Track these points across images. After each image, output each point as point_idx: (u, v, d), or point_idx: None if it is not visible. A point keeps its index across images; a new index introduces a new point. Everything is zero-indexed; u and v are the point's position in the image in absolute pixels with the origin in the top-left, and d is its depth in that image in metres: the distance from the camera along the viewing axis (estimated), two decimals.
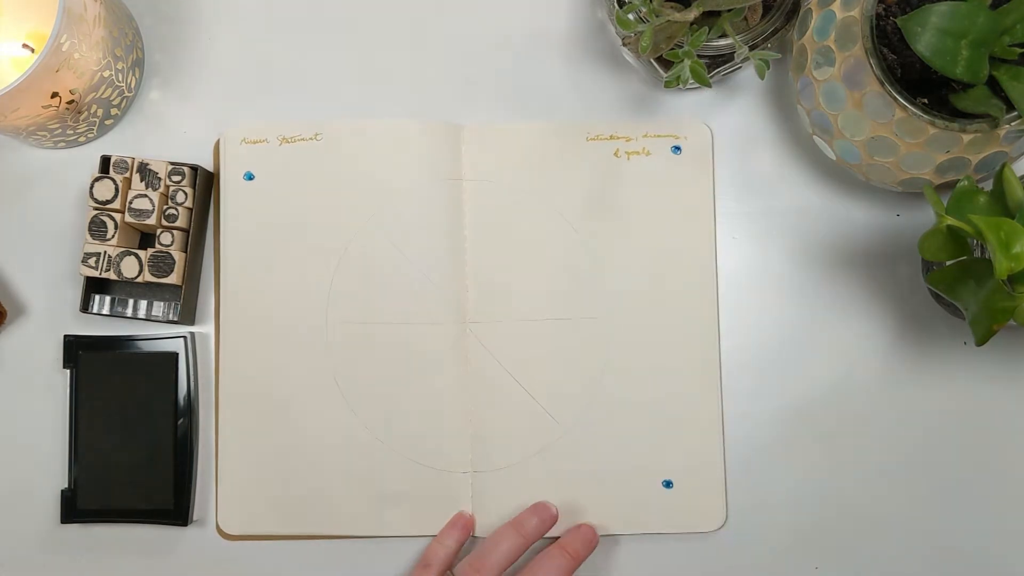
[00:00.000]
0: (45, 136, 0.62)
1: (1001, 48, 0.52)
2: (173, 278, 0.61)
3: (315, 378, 0.63)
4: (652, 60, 0.61)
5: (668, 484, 0.62)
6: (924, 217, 0.64)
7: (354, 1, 0.66)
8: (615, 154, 0.64)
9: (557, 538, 0.61)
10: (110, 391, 0.63)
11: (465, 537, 0.62)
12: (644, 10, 0.56)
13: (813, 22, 0.57)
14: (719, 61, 0.61)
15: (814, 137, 0.60)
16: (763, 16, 0.59)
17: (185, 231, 0.62)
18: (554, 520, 0.61)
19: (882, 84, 0.53)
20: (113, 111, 0.64)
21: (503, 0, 0.66)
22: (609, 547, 0.63)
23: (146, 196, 0.62)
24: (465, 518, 0.62)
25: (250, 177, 0.64)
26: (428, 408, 0.63)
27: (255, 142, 0.64)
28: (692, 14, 0.56)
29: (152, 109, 0.66)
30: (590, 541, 0.61)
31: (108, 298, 0.63)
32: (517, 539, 0.60)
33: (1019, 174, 0.53)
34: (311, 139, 0.64)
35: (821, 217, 0.64)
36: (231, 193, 0.64)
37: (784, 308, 0.64)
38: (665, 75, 0.58)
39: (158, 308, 0.63)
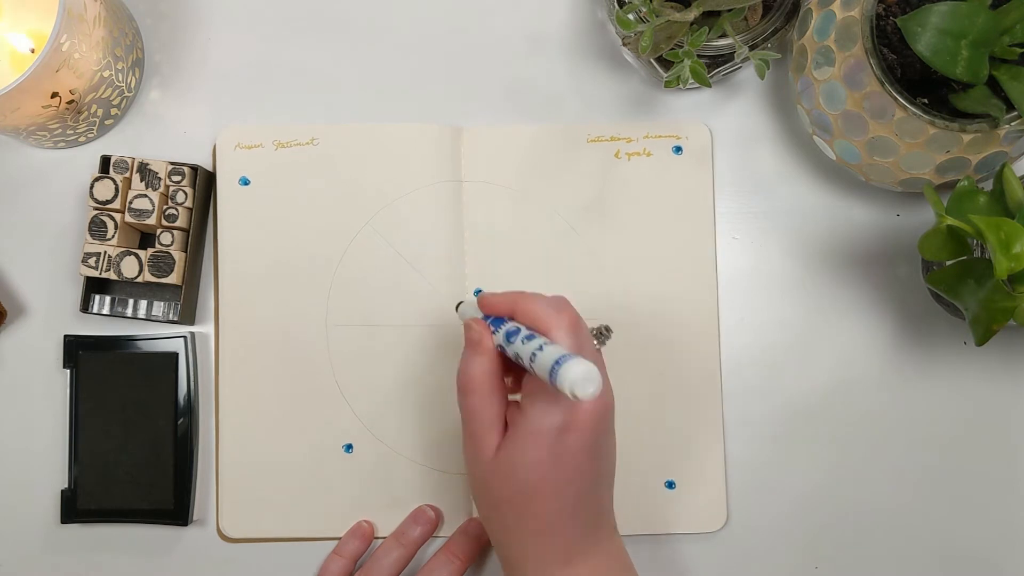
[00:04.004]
0: (45, 136, 0.62)
1: (1001, 48, 0.52)
2: (173, 278, 0.61)
3: (315, 380, 0.63)
4: (652, 60, 0.61)
5: (671, 485, 0.62)
6: (924, 217, 0.64)
7: (352, 3, 0.66)
8: (615, 155, 0.64)
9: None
10: (110, 391, 0.62)
11: (364, 548, 0.62)
12: (644, 10, 0.56)
13: (813, 22, 0.57)
14: (719, 61, 0.61)
15: (814, 137, 0.60)
16: (763, 16, 0.59)
17: (185, 231, 0.62)
18: (435, 523, 0.62)
19: (882, 84, 0.53)
20: (113, 111, 0.64)
21: (503, 1, 0.66)
22: None
23: (146, 196, 0.62)
24: (364, 528, 0.62)
25: (245, 182, 0.64)
26: (428, 409, 0.63)
27: (250, 147, 0.64)
28: (692, 14, 0.56)
29: (152, 109, 0.66)
30: (479, 537, 0.61)
31: (108, 298, 0.63)
32: (400, 550, 0.60)
33: (1019, 174, 0.53)
34: (307, 144, 0.64)
35: (821, 217, 0.64)
36: (227, 198, 0.64)
37: (784, 308, 0.64)
38: (665, 75, 0.58)
39: (158, 308, 0.63)
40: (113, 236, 0.61)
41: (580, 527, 0.52)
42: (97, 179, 0.62)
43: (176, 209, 0.62)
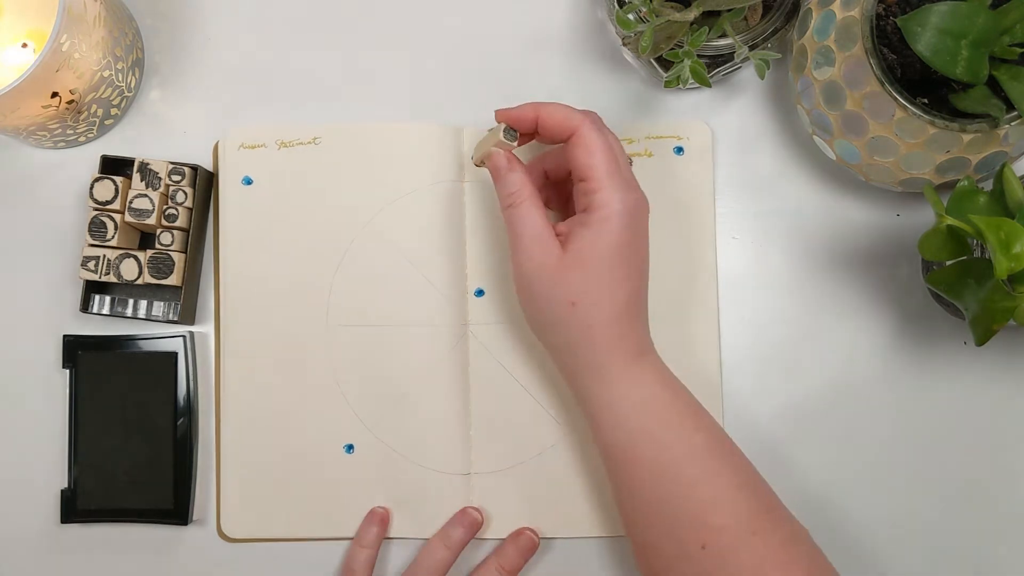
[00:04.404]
0: (45, 136, 0.62)
1: (1001, 48, 0.52)
2: (173, 279, 0.61)
3: (316, 380, 0.63)
4: (652, 60, 0.61)
5: None
6: (924, 217, 0.64)
7: (353, 3, 0.66)
8: None
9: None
10: (110, 391, 0.62)
11: (383, 532, 0.61)
12: (644, 10, 0.56)
13: (813, 22, 0.57)
14: (719, 61, 0.61)
15: (814, 137, 0.60)
16: (763, 16, 0.59)
17: (185, 231, 0.62)
18: (479, 525, 0.61)
19: (882, 84, 0.53)
20: (113, 111, 0.64)
21: (503, 0, 0.66)
22: (611, 548, 0.63)
23: (146, 196, 0.62)
24: (380, 513, 0.62)
25: (248, 182, 0.64)
26: (429, 410, 0.63)
27: (253, 147, 0.64)
28: (692, 14, 0.56)
29: (152, 109, 0.66)
30: (527, 548, 0.61)
31: (108, 298, 0.63)
32: (444, 552, 0.60)
33: (1019, 174, 0.53)
34: (309, 143, 0.64)
35: (821, 217, 0.64)
36: (230, 198, 0.64)
37: (784, 308, 0.64)
38: (665, 75, 0.58)
39: (158, 308, 0.63)
40: (113, 236, 0.61)
41: (645, 318, 0.56)
42: (97, 179, 0.62)
43: (176, 209, 0.62)
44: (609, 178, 0.53)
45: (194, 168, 0.63)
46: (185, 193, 0.62)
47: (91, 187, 0.61)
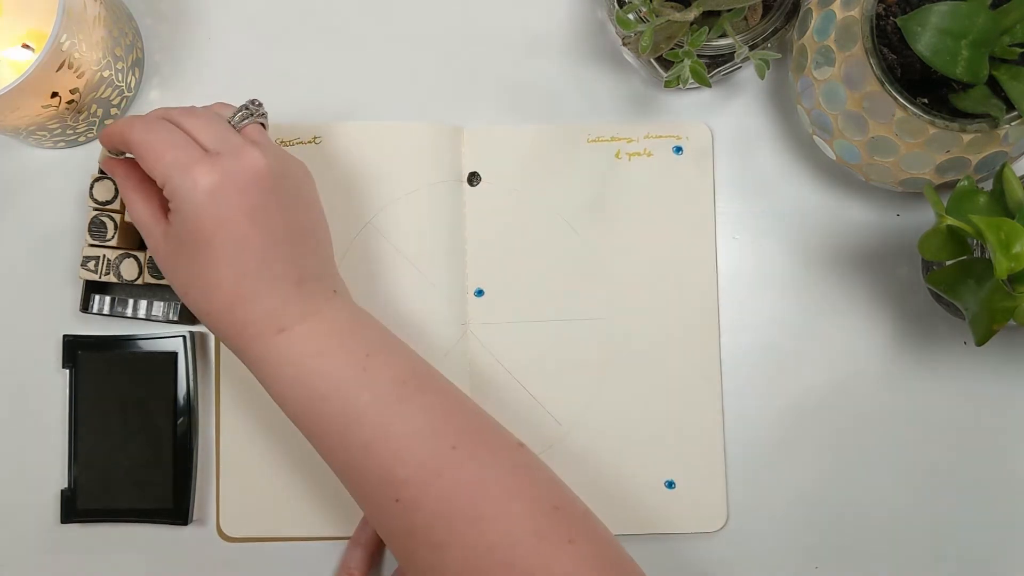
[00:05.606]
0: (45, 136, 0.62)
1: (1001, 48, 0.52)
2: None
3: None
4: (652, 60, 0.61)
5: (671, 484, 0.62)
6: (924, 217, 0.64)
7: (353, 3, 0.66)
8: (616, 155, 0.64)
9: None
10: (110, 391, 0.62)
11: None
12: (644, 10, 0.56)
13: (813, 22, 0.57)
14: (719, 61, 0.61)
15: (814, 137, 0.60)
16: (763, 16, 0.59)
17: None
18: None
19: (882, 84, 0.53)
20: (113, 111, 0.64)
21: (502, 0, 0.66)
22: None
23: None
24: None
25: None
26: None
27: None
28: (692, 14, 0.56)
29: (152, 109, 0.66)
30: (368, 544, 0.61)
31: (108, 298, 0.63)
32: None
33: (1019, 174, 0.53)
34: (310, 142, 0.64)
35: (821, 217, 0.64)
36: None
37: (784, 308, 0.64)
38: (665, 75, 0.58)
39: (158, 308, 0.63)
40: (113, 236, 0.61)
41: (280, 292, 0.52)
42: (97, 179, 0.62)
43: None
44: (188, 166, 0.50)
45: None
46: None
47: (91, 187, 0.61)
